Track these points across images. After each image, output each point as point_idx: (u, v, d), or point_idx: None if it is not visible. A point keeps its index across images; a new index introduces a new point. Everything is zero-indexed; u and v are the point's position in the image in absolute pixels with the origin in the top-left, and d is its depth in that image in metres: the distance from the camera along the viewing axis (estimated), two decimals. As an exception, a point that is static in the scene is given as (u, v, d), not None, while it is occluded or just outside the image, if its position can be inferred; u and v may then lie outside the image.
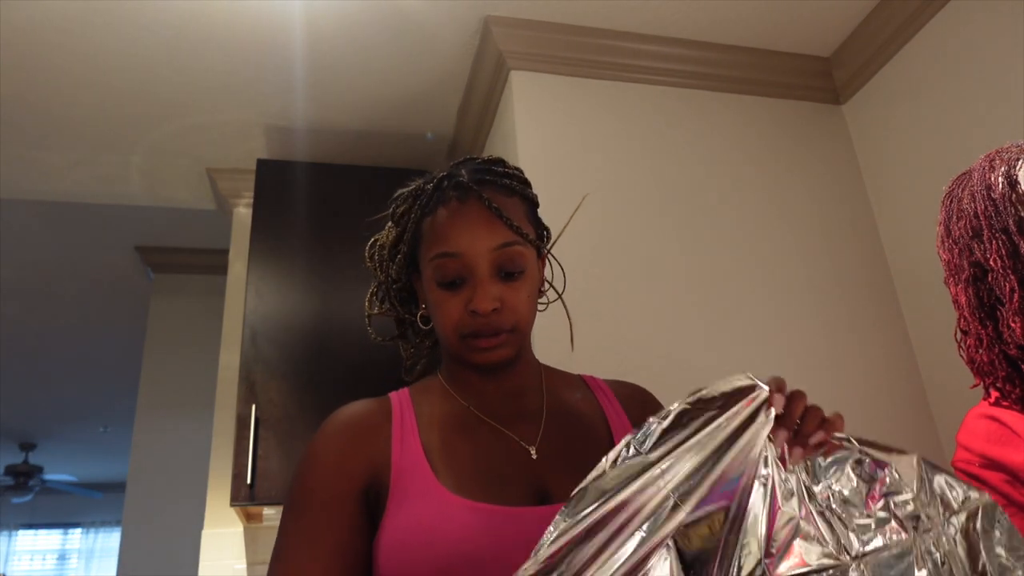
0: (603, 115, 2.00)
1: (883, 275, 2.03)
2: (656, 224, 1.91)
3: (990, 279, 0.88)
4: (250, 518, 2.09)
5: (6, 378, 4.61)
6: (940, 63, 1.86)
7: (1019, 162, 0.89)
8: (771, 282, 1.92)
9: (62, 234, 3.13)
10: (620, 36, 2.03)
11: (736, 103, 2.13)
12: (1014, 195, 0.87)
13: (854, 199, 2.11)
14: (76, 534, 8.25)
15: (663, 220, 1.92)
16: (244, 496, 1.78)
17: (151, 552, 3.08)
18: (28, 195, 2.66)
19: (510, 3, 1.91)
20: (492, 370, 0.83)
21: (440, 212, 0.81)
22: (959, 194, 0.94)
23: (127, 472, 3.20)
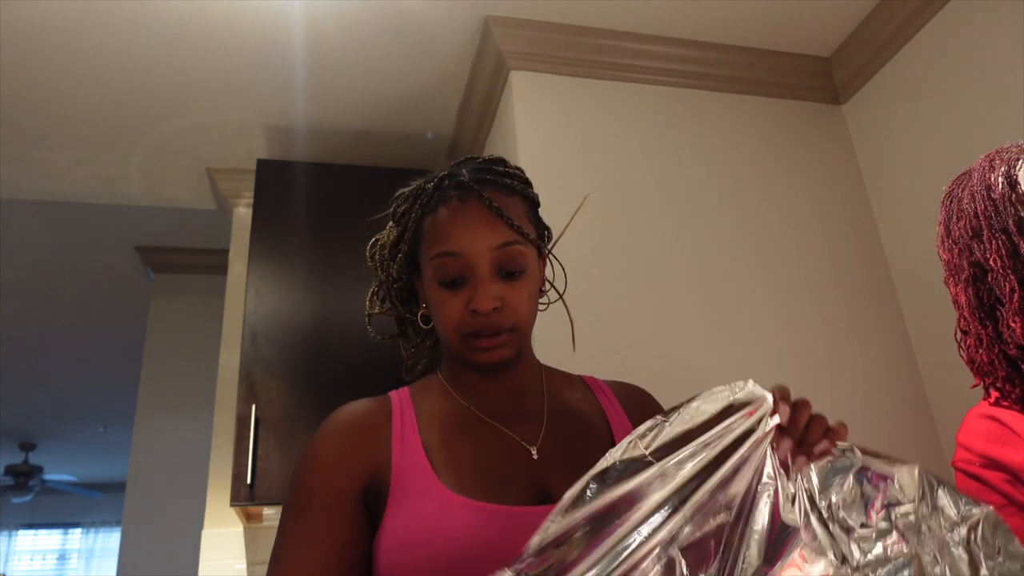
0: (603, 115, 2.00)
1: (883, 275, 2.03)
2: (656, 224, 1.91)
3: (990, 279, 0.88)
4: (250, 518, 2.10)
5: (6, 378, 4.61)
6: (940, 63, 1.86)
7: (1019, 162, 0.89)
8: (771, 282, 1.92)
9: (62, 234, 3.13)
10: (620, 36, 2.03)
11: (736, 103, 2.13)
12: (1014, 195, 0.87)
13: (854, 199, 2.11)
14: (76, 534, 8.25)
15: (663, 220, 1.92)
16: (244, 496, 1.78)
17: (151, 552, 3.08)
18: (28, 195, 2.66)
19: (510, 3, 1.91)
20: (493, 370, 0.83)
21: (441, 211, 0.81)
22: (959, 194, 0.94)
23: (127, 472, 3.20)
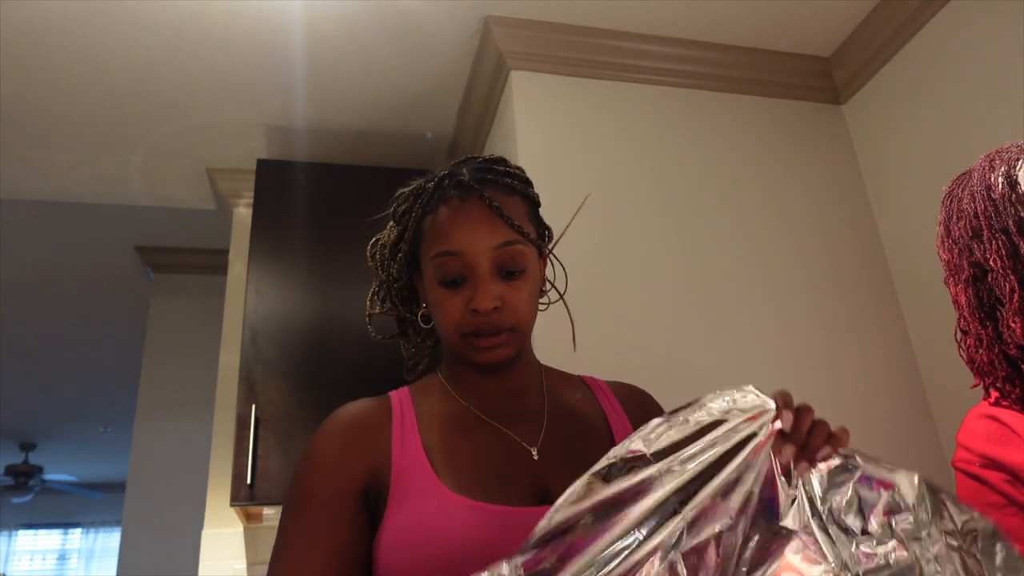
0: (603, 115, 2.00)
1: (883, 275, 2.03)
2: (656, 224, 1.91)
3: (990, 279, 0.88)
4: (250, 518, 2.10)
5: (6, 378, 4.60)
6: (940, 63, 1.86)
7: (1019, 162, 0.89)
8: (771, 282, 1.92)
9: (62, 234, 3.13)
10: (620, 36, 2.03)
11: (736, 103, 2.13)
12: (1014, 195, 0.87)
13: (854, 199, 2.11)
14: (76, 534, 8.25)
15: (663, 220, 1.92)
16: (244, 496, 1.78)
17: (151, 552, 3.08)
18: (28, 195, 2.66)
19: (510, 3, 1.91)
20: (493, 369, 0.83)
21: (441, 211, 0.81)
22: (959, 194, 0.94)
23: (127, 472, 3.20)
